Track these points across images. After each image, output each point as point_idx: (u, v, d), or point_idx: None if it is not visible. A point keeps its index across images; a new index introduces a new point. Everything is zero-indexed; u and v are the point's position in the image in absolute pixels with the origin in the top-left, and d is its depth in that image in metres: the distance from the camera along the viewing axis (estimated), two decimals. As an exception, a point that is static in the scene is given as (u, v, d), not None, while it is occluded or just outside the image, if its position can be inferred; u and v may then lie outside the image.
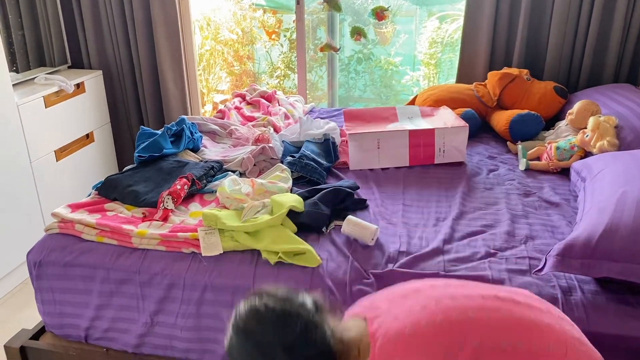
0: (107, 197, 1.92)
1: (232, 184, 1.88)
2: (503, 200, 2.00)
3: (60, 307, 1.74)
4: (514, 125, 2.45)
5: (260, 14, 4.77)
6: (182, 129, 2.20)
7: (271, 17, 4.79)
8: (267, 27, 4.79)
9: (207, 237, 1.65)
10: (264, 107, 2.86)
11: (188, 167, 2.03)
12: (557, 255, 1.47)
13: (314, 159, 2.15)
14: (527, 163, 2.25)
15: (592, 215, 1.57)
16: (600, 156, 1.99)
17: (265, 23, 4.79)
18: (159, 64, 3.25)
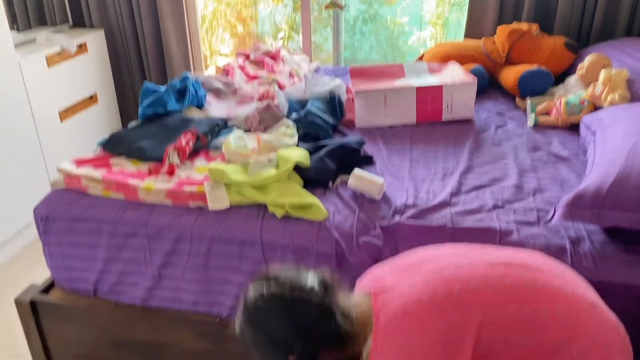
0: (113, 153, 1.91)
1: (238, 139, 1.86)
2: (511, 155, 1.97)
3: (69, 261, 1.75)
4: (523, 81, 2.41)
5: (263, -27, 4.67)
6: (186, 86, 2.17)
7: (275, -24, 4.69)
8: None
9: (213, 191, 1.64)
10: (269, 66, 2.82)
11: (193, 123, 2.01)
12: (567, 205, 1.45)
13: (320, 116, 2.12)
14: (535, 119, 2.22)
15: (602, 166, 1.55)
16: (610, 109, 1.96)
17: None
18: (161, 22, 3.20)
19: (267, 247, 1.56)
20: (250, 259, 1.57)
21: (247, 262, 1.57)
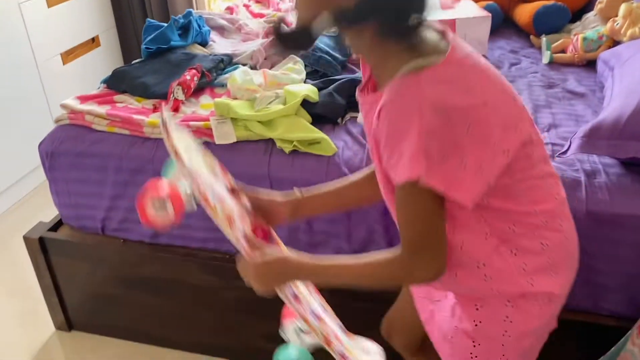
0: (116, 90, 1.87)
1: (244, 75, 1.81)
2: (525, 92, 1.92)
3: (75, 198, 1.74)
4: (538, 18, 2.32)
5: None
6: (189, 22, 2.10)
7: None
8: None
9: (219, 126, 1.61)
10: (274, 3, 2.73)
11: (197, 59, 1.95)
12: (583, 137, 1.41)
13: (328, 52, 2.05)
14: (551, 56, 2.14)
15: (620, 98, 1.49)
16: (630, 43, 1.88)
17: None
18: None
19: (275, 183, 1.54)
20: (259, 193, 1.54)
21: (255, 197, 1.55)
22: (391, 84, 0.83)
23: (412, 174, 0.79)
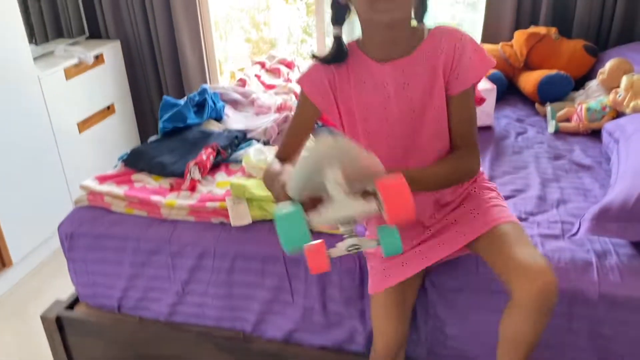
0: (134, 169, 1.92)
1: (258, 153, 1.87)
2: (532, 164, 1.96)
3: (93, 277, 1.77)
4: (543, 87, 2.39)
5: (276, -22, 4.68)
6: (204, 99, 2.18)
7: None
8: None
9: (235, 206, 1.65)
10: (284, 74, 2.83)
11: (212, 137, 2.01)
12: (593, 219, 1.44)
13: (338, 126, 2.12)
14: (556, 125, 2.20)
15: (628, 177, 1.53)
16: (634, 116, 1.93)
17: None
18: (177, 31, 3.21)
19: (290, 264, 1.56)
20: (274, 275, 1.57)
21: (271, 278, 1.57)
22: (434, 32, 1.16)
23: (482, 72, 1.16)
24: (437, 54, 1.15)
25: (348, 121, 1.23)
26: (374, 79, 1.16)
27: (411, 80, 1.16)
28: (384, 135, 1.20)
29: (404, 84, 1.16)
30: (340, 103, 1.20)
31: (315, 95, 1.20)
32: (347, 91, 1.18)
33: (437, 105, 1.17)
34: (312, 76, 1.21)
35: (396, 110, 1.17)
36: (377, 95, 1.17)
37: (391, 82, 1.16)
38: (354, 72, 1.18)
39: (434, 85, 1.16)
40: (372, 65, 1.16)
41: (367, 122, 1.19)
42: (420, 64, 1.14)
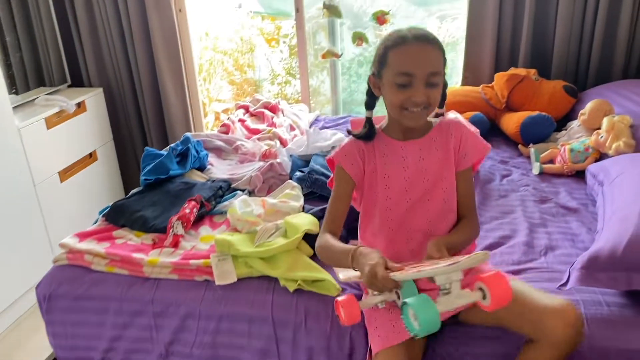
0: (115, 224, 1.88)
1: (243, 205, 1.84)
2: (519, 208, 1.95)
3: (73, 340, 1.70)
4: (525, 128, 2.40)
5: (259, 21, 4.73)
6: (187, 148, 2.16)
7: (270, 23, 4.75)
8: (266, 34, 4.75)
9: (220, 264, 1.61)
10: (268, 118, 2.83)
11: (196, 188, 1.99)
12: (582, 269, 1.42)
13: (324, 173, 2.10)
14: (540, 167, 2.20)
15: (614, 224, 1.52)
16: (617, 158, 1.94)
17: (264, 30, 4.75)
18: (159, 77, 3.21)
19: (279, 325, 1.52)
20: (261, 336, 1.52)
21: (257, 340, 1.53)
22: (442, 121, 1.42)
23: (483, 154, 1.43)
24: (447, 136, 1.39)
25: (370, 190, 1.41)
26: (396, 154, 1.38)
27: (426, 156, 1.37)
28: (403, 201, 1.38)
29: (420, 158, 1.37)
30: (367, 174, 1.39)
31: (349, 167, 1.38)
32: (373, 164, 1.38)
33: (448, 176, 1.39)
34: (346, 150, 1.40)
35: (413, 179, 1.37)
36: (398, 167, 1.38)
37: (410, 156, 1.38)
38: (379, 149, 1.39)
39: (446, 160, 1.38)
40: (394, 143, 1.38)
41: (388, 190, 1.38)
42: (433, 143, 1.38)
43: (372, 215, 1.42)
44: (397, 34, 1.26)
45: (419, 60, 1.22)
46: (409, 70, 1.22)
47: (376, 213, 1.40)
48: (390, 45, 1.25)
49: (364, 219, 1.47)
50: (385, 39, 1.30)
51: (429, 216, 1.39)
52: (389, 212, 1.39)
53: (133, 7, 3.05)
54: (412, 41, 1.23)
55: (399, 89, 1.24)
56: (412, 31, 1.25)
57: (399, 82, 1.24)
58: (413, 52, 1.22)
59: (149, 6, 3.05)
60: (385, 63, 1.26)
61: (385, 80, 1.28)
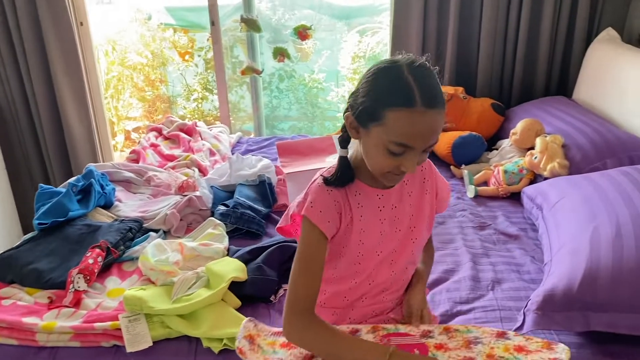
0: (2, 280, 1.57)
1: (157, 251, 1.60)
2: (459, 237, 1.85)
3: None
4: (456, 149, 2.33)
5: (171, 34, 4.44)
6: (90, 183, 1.87)
7: (183, 36, 4.47)
8: (179, 48, 4.47)
9: (131, 326, 1.36)
10: (185, 142, 2.58)
11: (101, 231, 1.71)
12: (537, 310, 1.32)
13: (250, 206, 1.90)
14: (475, 190, 2.13)
15: (564, 258, 1.43)
16: (554, 181, 1.89)
17: (177, 43, 4.47)
18: (59, 98, 2.87)
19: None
20: (184, 412, 1.29)
21: (180, 417, 1.29)
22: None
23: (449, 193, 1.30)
24: (420, 180, 1.20)
25: (338, 246, 1.14)
26: (372, 205, 1.15)
27: (399, 204, 1.17)
28: (373, 256, 1.17)
29: (392, 206, 1.16)
30: (341, 229, 1.13)
31: (326, 226, 1.08)
32: (349, 217, 1.13)
33: (419, 225, 1.20)
34: (321, 205, 1.08)
35: (387, 232, 1.16)
36: (374, 220, 1.15)
37: (386, 206, 1.16)
38: (353, 198, 1.13)
39: (418, 207, 1.19)
40: (369, 192, 1.14)
41: (361, 245, 1.14)
42: (405, 187, 1.18)
43: (333, 267, 1.17)
44: (402, 86, 0.95)
45: (425, 133, 0.97)
46: (409, 143, 0.97)
47: (340, 266, 1.15)
48: (391, 103, 0.96)
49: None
50: (380, 82, 0.98)
51: (394, 269, 1.19)
52: (355, 267, 1.15)
53: (26, 21, 2.70)
54: (421, 107, 0.94)
55: (389, 155, 1.00)
56: (421, 86, 0.94)
57: (392, 149, 0.98)
58: (420, 123, 0.95)
59: (43, 18, 2.71)
60: (378, 121, 0.98)
61: (373, 136, 1.00)
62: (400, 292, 1.25)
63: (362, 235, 1.13)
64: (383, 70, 0.99)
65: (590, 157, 1.99)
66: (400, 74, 0.96)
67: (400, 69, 0.97)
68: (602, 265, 1.34)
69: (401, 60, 0.99)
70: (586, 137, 2.06)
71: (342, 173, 1.09)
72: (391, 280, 1.20)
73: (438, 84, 0.99)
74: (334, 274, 1.17)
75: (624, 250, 1.34)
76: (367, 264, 1.16)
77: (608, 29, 2.51)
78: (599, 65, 2.40)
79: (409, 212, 1.17)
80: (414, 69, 0.97)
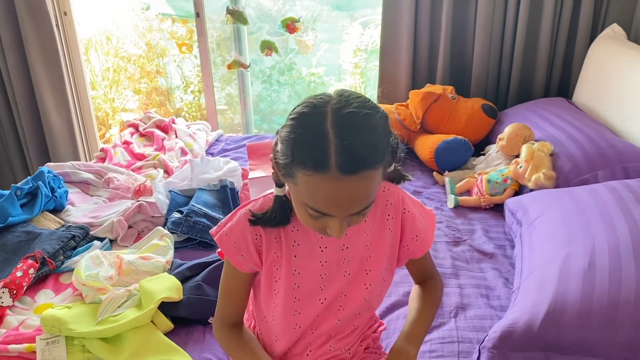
0: None
1: (92, 263, 1.48)
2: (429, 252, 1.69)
3: None
4: (440, 154, 2.16)
5: (169, 25, 4.33)
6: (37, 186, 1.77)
7: (181, 27, 4.36)
8: (177, 39, 4.36)
9: (47, 349, 1.25)
10: (158, 140, 2.46)
11: (39, 240, 1.60)
12: (493, 349, 1.17)
13: (206, 214, 1.77)
14: (456, 199, 1.96)
15: (531, 288, 1.27)
16: (536, 195, 1.72)
17: (175, 34, 4.35)
18: (37, 91, 2.77)
19: None
20: None
21: None
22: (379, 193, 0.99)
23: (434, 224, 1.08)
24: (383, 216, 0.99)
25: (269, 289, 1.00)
26: (311, 243, 0.97)
27: (351, 243, 0.99)
28: (315, 303, 1.00)
29: (342, 247, 0.98)
30: (266, 267, 0.98)
31: (238, 261, 0.97)
32: (276, 255, 0.97)
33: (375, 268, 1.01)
34: (235, 236, 0.97)
35: (331, 274, 0.99)
36: (313, 262, 0.98)
37: (331, 246, 0.98)
38: (288, 234, 0.97)
39: (377, 246, 1.00)
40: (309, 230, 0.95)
41: (297, 290, 0.99)
42: (364, 226, 0.99)
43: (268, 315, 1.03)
44: (317, 144, 0.77)
45: (342, 203, 0.80)
46: (324, 211, 0.82)
47: (275, 314, 1.01)
48: (301, 163, 0.78)
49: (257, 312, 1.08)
50: (297, 131, 0.79)
51: (341, 316, 1.02)
52: (294, 316, 1.00)
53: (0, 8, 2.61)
54: (336, 173, 0.76)
55: (309, 218, 0.85)
56: (341, 146, 0.76)
57: (310, 212, 0.83)
58: (334, 192, 0.78)
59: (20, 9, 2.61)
60: (292, 178, 0.81)
61: (292, 191, 0.86)
62: (352, 337, 1.07)
63: (297, 278, 0.98)
64: (303, 116, 0.80)
65: (580, 168, 1.81)
66: (320, 125, 0.77)
67: (321, 118, 0.77)
68: (570, 301, 1.18)
69: (331, 102, 0.79)
70: (578, 145, 1.88)
71: (277, 214, 0.93)
72: (336, 329, 1.04)
73: (371, 138, 0.78)
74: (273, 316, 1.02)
75: (596, 285, 1.18)
76: (306, 313, 1.00)
77: (613, 25, 2.30)
78: (601, 64, 2.21)
79: (364, 254, 0.99)
80: (340, 118, 0.77)
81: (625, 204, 1.41)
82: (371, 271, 1.00)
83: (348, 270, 0.99)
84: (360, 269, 1.00)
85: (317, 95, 0.83)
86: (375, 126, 0.80)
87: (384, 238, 1.00)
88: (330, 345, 1.05)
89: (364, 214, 0.85)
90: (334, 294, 1.00)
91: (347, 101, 0.79)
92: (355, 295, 1.01)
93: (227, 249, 0.97)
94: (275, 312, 1.01)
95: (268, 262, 0.97)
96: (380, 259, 1.00)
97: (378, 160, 0.79)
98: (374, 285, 1.01)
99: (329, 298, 1.00)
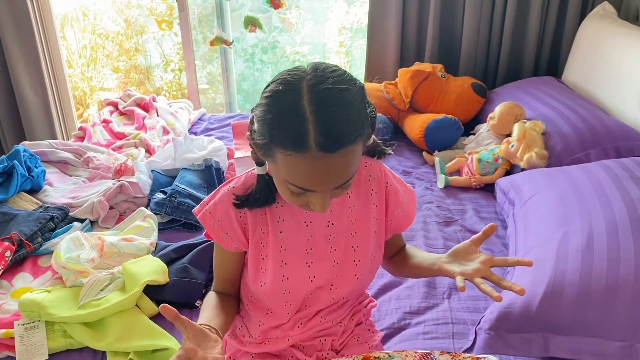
0: None
1: (72, 245, 1.42)
2: (421, 233, 1.67)
3: None
4: (429, 133, 2.12)
5: (148, 1, 4.20)
6: (12, 165, 1.69)
7: (161, 3, 4.23)
8: (156, 15, 4.23)
9: (27, 335, 1.19)
10: (139, 119, 2.38)
11: (16, 221, 1.53)
12: (490, 330, 1.14)
13: (191, 195, 1.71)
14: (446, 179, 1.93)
15: (528, 269, 1.25)
16: (529, 174, 1.69)
17: (155, 10, 4.22)
18: (11, 70, 2.66)
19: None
20: None
21: None
22: (362, 169, 0.98)
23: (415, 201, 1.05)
24: (367, 191, 0.98)
25: (256, 267, 0.97)
26: (296, 219, 0.96)
27: (336, 219, 0.97)
28: (304, 282, 0.98)
29: (328, 223, 0.97)
30: (252, 245, 0.96)
31: (223, 240, 0.95)
32: (262, 233, 0.95)
33: (363, 243, 0.99)
34: (218, 214, 0.94)
35: (319, 252, 0.97)
36: (299, 237, 0.96)
37: (316, 221, 0.96)
38: (272, 211, 0.95)
39: (368, 219, 0.98)
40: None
41: (284, 267, 0.96)
42: (347, 200, 0.97)
43: (257, 293, 0.99)
44: (294, 123, 0.74)
45: (324, 179, 0.78)
46: (307, 187, 0.80)
47: (265, 292, 0.97)
48: (279, 142, 0.76)
49: (245, 293, 1.05)
50: (273, 110, 0.76)
51: (334, 295, 0.99)
52: (283, 294, 0.96)
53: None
54: (317, 152, 0.74)
55: (291, 195, 0.82)
56: (319, 123, 0.73)
57: (291, 189, 0.81)
58: (316, 170, 0.76)
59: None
60: (271, 157, 0.79)
61: (272, 170, 0.84)
62: (343, 310, 1.05)
63: (284, 254, 0.95)
64: (278, 94, 0.76)
65: (572, 147, 1.79)
66: (296, 103, 0.74)
67: (297, 96, 0.74)
68: (568, 280, 1.15)
69: (305, 77, 0.76)
70: (570, 124, 1.85)
71: (261, 195, 0.91)
72: (329, 308, 1.02)
73: (349, 113, 0.75)
74: (263, 294, 0.98)
75: (594, 264, 1.16)
76: (297, 293, 0.97)
77: (604, 3, 2.27)
78: (592, 43, 2.18)
79: (350, 229, 0.97)
80: (317, 95, 0.74)
81: (620, 183, 1.39)
82: (359, 247, 0.98)
83: (334, 246, 0.97)
84: (347, 245, 0.98)
85: (290, 71, 0.79)
86: (352, 101, 0.77)
87: (369, 213, 0.98)
88: (320, 317, 1.02)
89: (346, 187, 0.83)
90: (323, 270, 0.97)
91: (323, 76, 0.76)
92: (345, 274, 0.98)
93: (210, 227, 0.95)
94: (264, 290, 0.97)
95: (254, 240, 0.95)
96: (367, 234, 0.98)
97: (358, 135, 0.77)
98: (364, 262, 0.99)
99: (318, 275, 0.97)
